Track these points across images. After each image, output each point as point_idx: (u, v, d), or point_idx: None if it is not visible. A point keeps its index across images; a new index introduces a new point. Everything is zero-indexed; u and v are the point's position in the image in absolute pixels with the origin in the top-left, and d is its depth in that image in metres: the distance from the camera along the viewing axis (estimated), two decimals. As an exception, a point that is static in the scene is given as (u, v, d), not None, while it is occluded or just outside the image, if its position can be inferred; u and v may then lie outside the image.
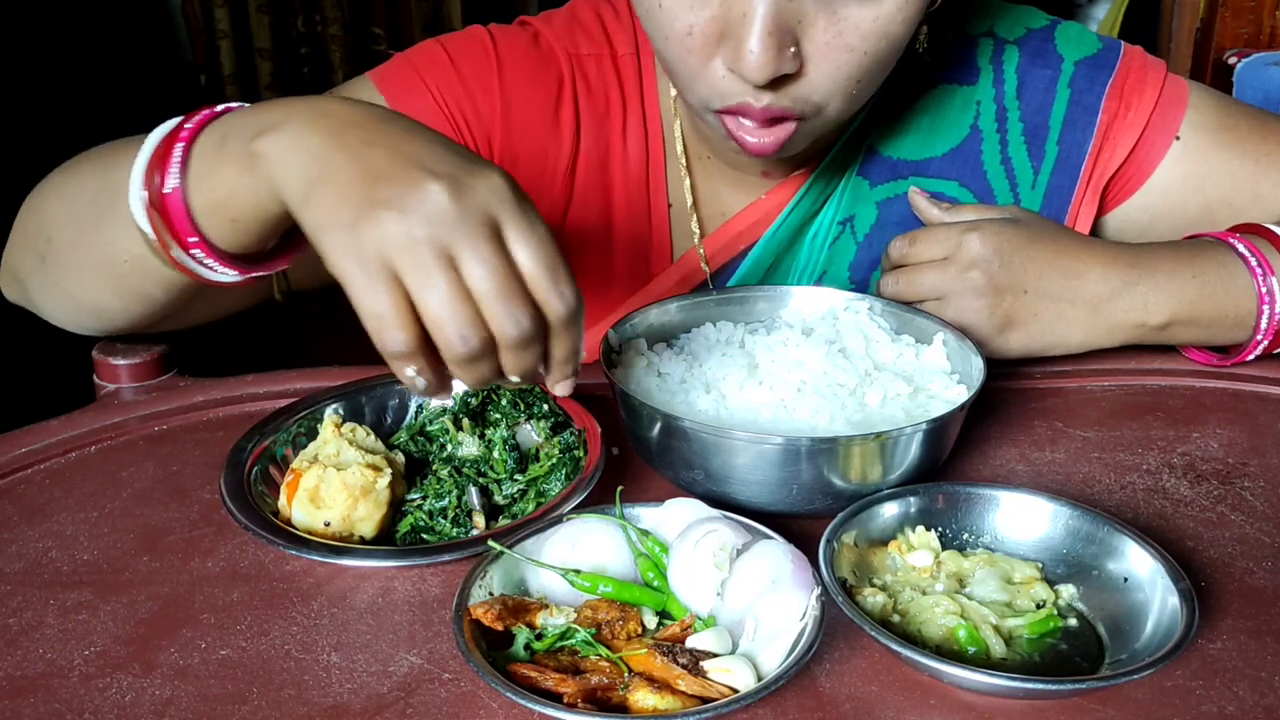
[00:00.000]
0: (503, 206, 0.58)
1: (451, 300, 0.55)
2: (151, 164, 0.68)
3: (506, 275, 0.57)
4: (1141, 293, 0.86)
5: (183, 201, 0.66)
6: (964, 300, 0.84)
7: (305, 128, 0.61)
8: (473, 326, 0.56)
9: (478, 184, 0.58)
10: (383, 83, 0.92)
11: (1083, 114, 0.96)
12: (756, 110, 0.79)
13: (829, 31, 0.76)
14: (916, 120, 0.97)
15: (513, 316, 0.57)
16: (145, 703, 0.56)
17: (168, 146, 0.67)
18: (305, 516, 0.68)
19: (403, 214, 0.55)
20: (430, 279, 0.55)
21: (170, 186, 0.66)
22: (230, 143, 0.65)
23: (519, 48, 0.95)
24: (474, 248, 0.56)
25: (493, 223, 0.57)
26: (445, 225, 0.56)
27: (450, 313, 0.56)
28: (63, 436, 0.81)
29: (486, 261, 0.56)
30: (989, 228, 0.85)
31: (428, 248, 0.55)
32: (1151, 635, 0.58)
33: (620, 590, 0.61)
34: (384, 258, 0.55)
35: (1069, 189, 0.97)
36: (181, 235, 0.67)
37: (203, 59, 4.52)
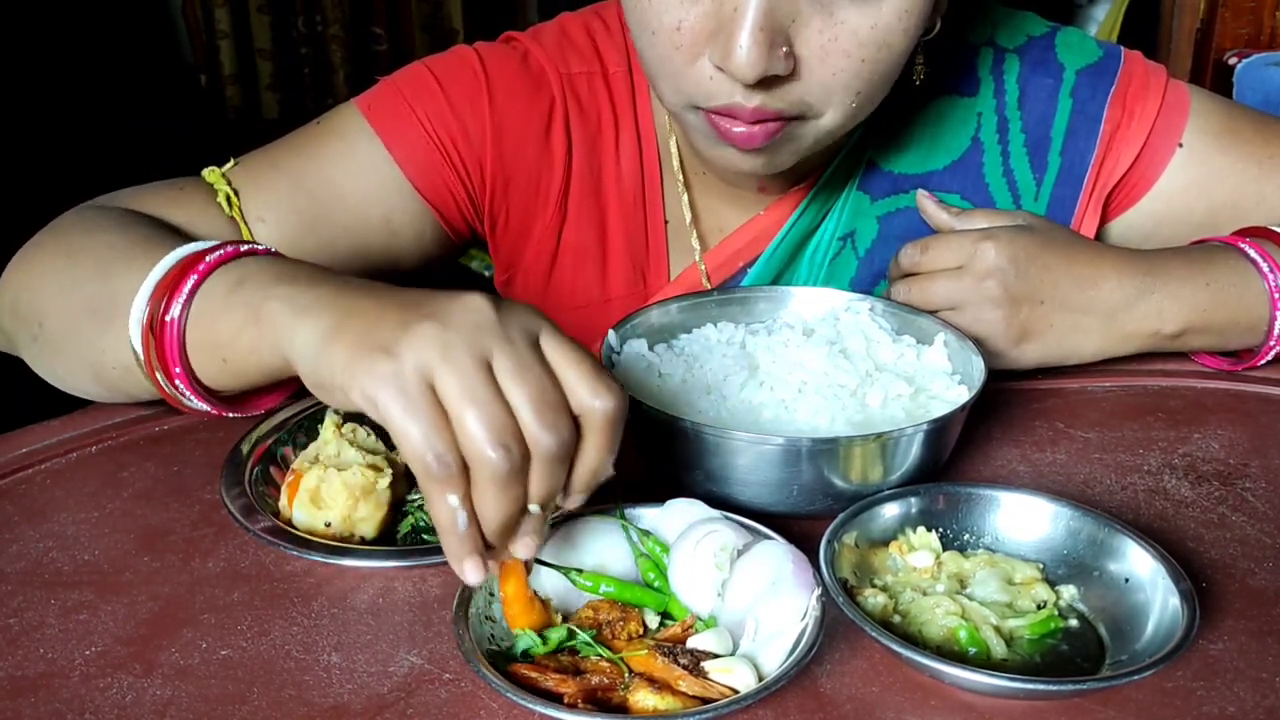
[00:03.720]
0: (542, 321, 0.57)
1: (495, 413, 0.52)
2: (160, 287, 0.69)
3: (549, 383, 0.54)
4: (1156, 301, 0.85)
5: (178, 334, 0.67)
6: (980, 311, 0.83)
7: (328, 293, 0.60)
8: (514, 438, 0.53)
9: (515, 304, 0.57)
10: (371, 112, 0.92)
11: (1085, 124, 0.95)
12: (746, 111, 0.77)
13: (825, 35, 0.75)
14: (917, 133, 0.97)
15: (554, 427, 0.53)
16: (146, 703, 0.56)
17: (181, 273, 0.68)
18: (306, 517, 0.68)
19: (443, 324, 0.53)
20: (473, 391, 0.52)
21: (172, 315, 0.67)
22: (244, 290, 0.65)
23: (508, 69, 0.94)
24: (516, 356, 0.54)
25: (534, 334, 0.56)
26: (487, 335, 0.54)
27: (495, 426, 0.52)
28: (63, 436, 0.81)
29: (528, 368, 0.54)
30: (1003, 236, 0.84)
31: (469, 358, 0.53)
32: (1152, 636, 0.58)
33: (621, 590, 0.61)
34: (424, 373, 0.53)
35: (1072, 200, 0.97)
36: (169, 364, 0.68)
37: (203, 59, 4.52)
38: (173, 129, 3.98)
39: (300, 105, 4.58)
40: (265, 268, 0.66)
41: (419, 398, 0.52)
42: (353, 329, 0.56)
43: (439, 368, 0.52)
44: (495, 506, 0.54)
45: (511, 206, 0.96)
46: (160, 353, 0.69)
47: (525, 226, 0.97)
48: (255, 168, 0.91)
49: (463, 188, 0.93)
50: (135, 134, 3.84)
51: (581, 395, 0.55)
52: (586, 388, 0.55)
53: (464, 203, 0.94)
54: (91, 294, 0.76)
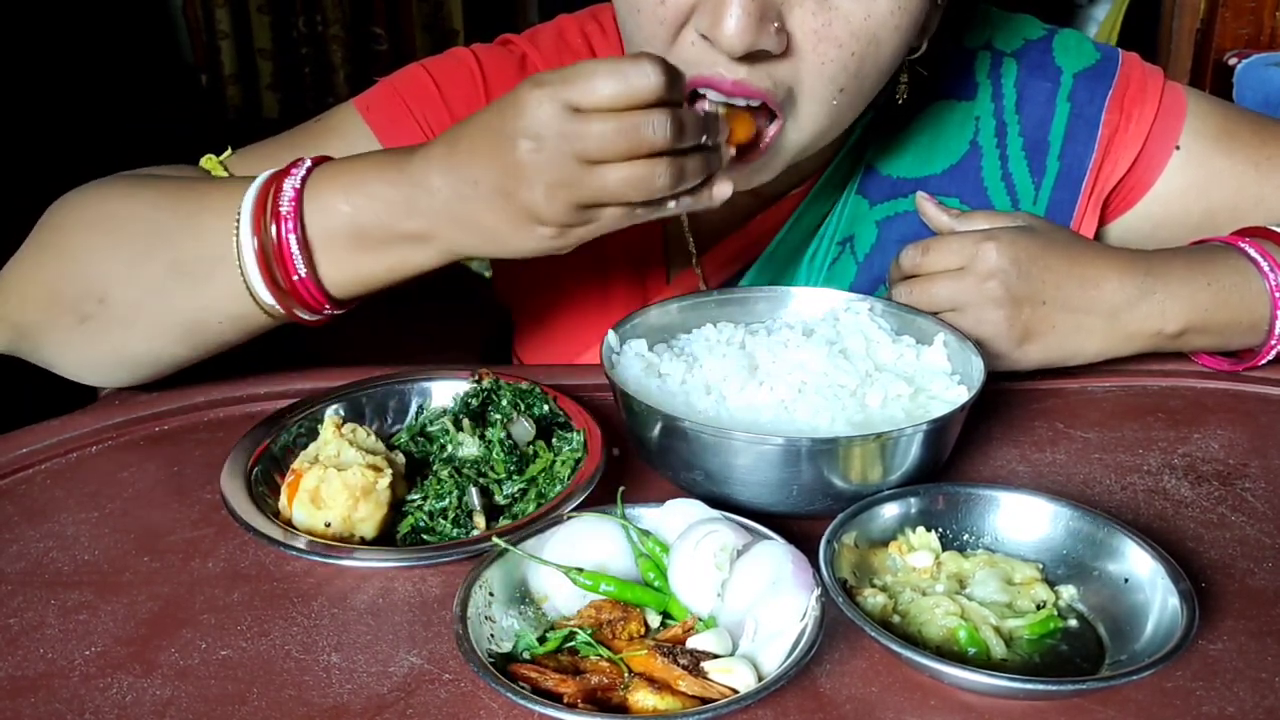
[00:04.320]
0: (562, 90, 0.67)
1: (635, 172, 0.66)
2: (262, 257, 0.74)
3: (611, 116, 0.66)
4: (1158, 301, 0.85)
5: (316, 284, 0.75)
6: (982, 312, 0.83)
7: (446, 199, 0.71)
8: (666, 121, 0.66)
9: (533, 95, 0.67)
10: (369, 112, 0.92)
11: (1083, 128, 0.95)
12: (727, 83, 0.76)
13: (818, 19, 0.75)
14: (915, 137, 0.96)
15: (658, 125, 0.66)
16: (145, 703, 0.56)
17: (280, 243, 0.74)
18: (306, 517, 0.68)
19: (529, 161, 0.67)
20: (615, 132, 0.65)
21: (300, 274, 0.74)
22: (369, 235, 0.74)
23: (505, 72, 0.94)
24: (585, 125, 0.65)
25: (567, 106, 0.66)
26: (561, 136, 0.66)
27: (637, 176, 0.67)
28: (63, 437, 0.81)
29: (604, 136, 0.66)
30: (1005, 237, 0.83)
31: (562, 158, 0.66)
32: (1152, 636, 0.58)
33: (622, 589, 0.61)
34: (583, 150, 0.66)
35: (1070, 204, 0.97)
36: (316, 307, 0.77)
37: (203, 59, 4.52)
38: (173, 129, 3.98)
39: (300, 105, 4.58)
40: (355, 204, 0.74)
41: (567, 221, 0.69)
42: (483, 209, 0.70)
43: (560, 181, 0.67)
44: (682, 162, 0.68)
45: None
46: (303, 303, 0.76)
47: None
48: (252, 157, 0.91)
49: None
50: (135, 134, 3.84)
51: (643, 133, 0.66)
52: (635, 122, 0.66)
53: None
54: (172, 259, 0.76)
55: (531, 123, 0.66)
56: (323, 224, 0.74)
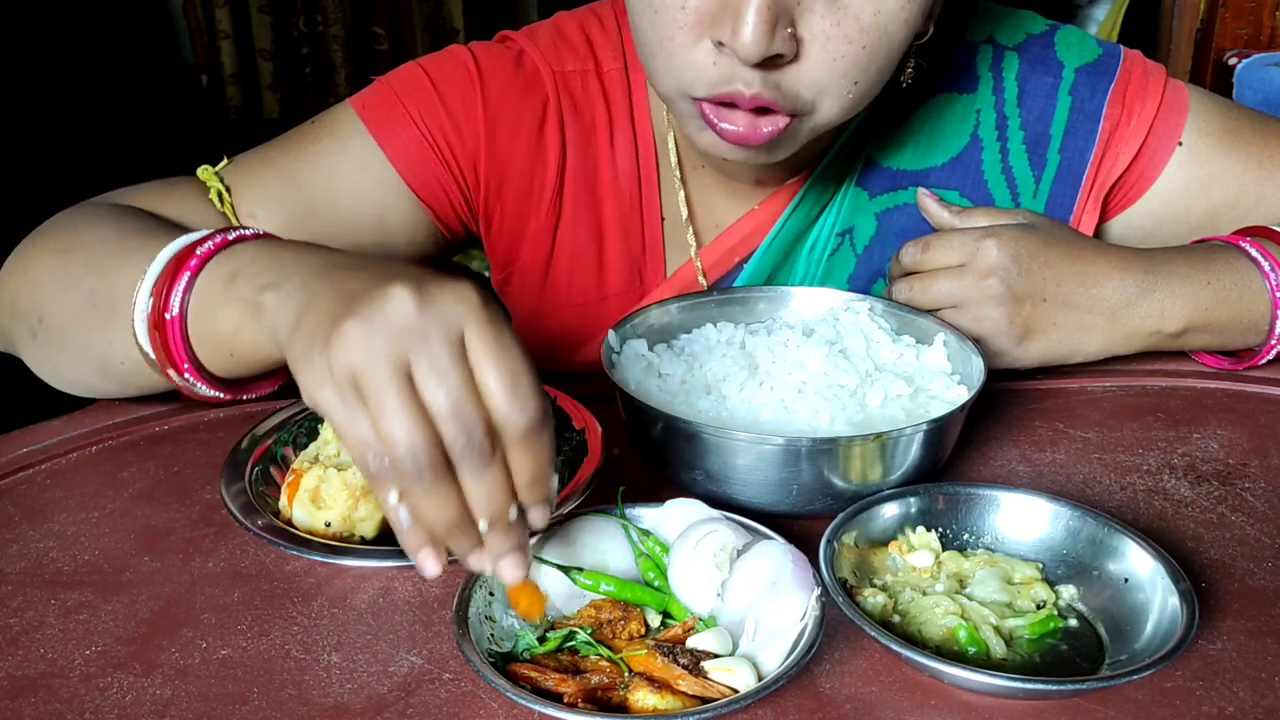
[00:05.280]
0: (468, 315, 0.53)
1: (403, 418, 0.51)
2: (159, 283, 0.70)
3: (461, 388, 0.52)
4: (1158, 300, 0.85)
5: (181, 329, 0.70)
6: (982, 309, 0.83)
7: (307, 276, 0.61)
8: (424, 445, 0.51)
9: (443, 293, 0.54)
10: (365, 111, 0.92)
11: (1084, 122, 0.96)
12: (745, 98, 0.77)
13: (827, 19, 0.75)
14: (915, 129, 0.97)
15: (464, 430, 0.52)
16: (146, 703, 0.56)
17: (176, 267, 0.70)
18: (306, 517, 0.68)
19: (366, 325, 0.52)
20: (385, 396, 0.52)
21: (171, 312, 0.69)
22: (238, 284, 0.66)
23: (502, 68, 0.94)
24: (430, 360, 0.52)
25: (456, 333, 0.53)
26: (405, 336, 0.52)
27: (402, 430, 0.51)
28: (63, 436, 0.81)
29: (442, 374, 0.52)
30: (1005, 234, 0.84)
31: (386, 363, 0.52)
32: (1151, 636, 0.58)
33: (622, 589, 0.61)
34: (350, 377, 0.52)
35: (1071, 198, 0.97)
36: (177, 360, 0.71)
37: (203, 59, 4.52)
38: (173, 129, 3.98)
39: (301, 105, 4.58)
40: (255, 258, 0.67)
41: (350, 400, 0.52)
42: (305, 326, 0.56)
43: (359, 373, 0.52)
44: (426, 508, 0.53)
45: (506, 205, 0.96)
46: (167, 351, 0.71)
47: (520, 225, 0.97)
48: (248, 165, 0.92)
49: (456, 187, 0.94)
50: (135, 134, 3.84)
51: (497, 404, 0.53)
52: (503, 397, 0.53)
53: (458, 202, 0.95)
54: (91, 289, 0.76)
55: (387, 302, 0.53)
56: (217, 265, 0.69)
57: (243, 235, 0.71)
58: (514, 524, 0.55)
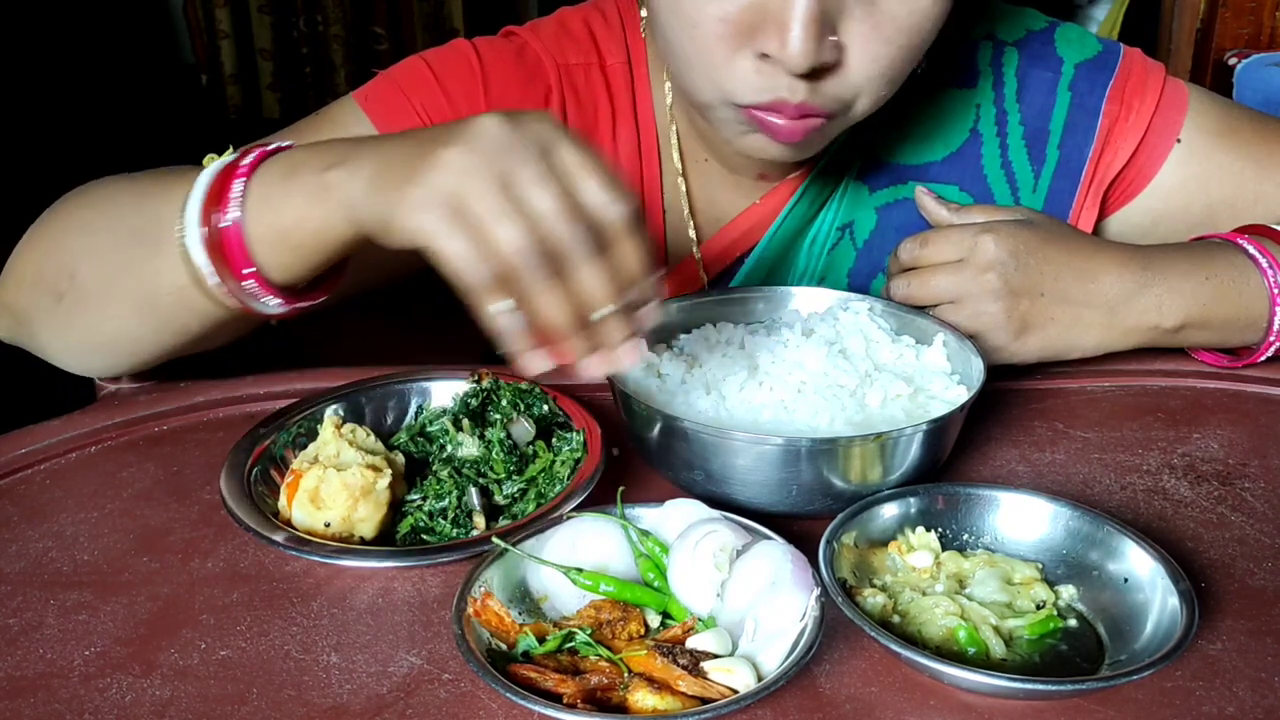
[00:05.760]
0: (555, 133, 0.61)
1: (515, 223, 0.57)
2: (209, 199, 0.70)
3: (561, 194, 0.58)
4: (1156, 295, 0.85)
5: (241, 234, 0.69)
6: (980, 304, 0.83)
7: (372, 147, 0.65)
8: (539, 245, 0.57)
9: (529, 118, 0.61)
10: (367, 103, 0.92)
11: (1084, 117, 0.96)
12: (791, 107, 0.78)
13: (866, 23, 0.76)
14: (915, 124, 0.97)
15: (573, 227, 0.58)
16: (145, 703, 0.56)
17: (224, 182, 0.69)
18: (305, 517, 0.68)
19: (464, 148, 0.58)
20: (493, 207, 0.57)
21: (230, 219, 0.68)
22: (299, 174, 0.68)
23: (504, 61, 0.94)
24: (531, 170, 0.58)
25: (544, 149, 0.60)
26: (501, 153, 0.58)
27: (516, 234, 0.57)
28: (63, 436, 0.81)
29: (544, 181, 0.58)
30: (1003, 229, 0.84)
31: (489, 177, 0.58)
32: (1151, 636, 0.58)
33: (621, 589, 0.61)
34: (452, 196, 0.58)
35: (1070, 193, 0.97)
36: (236, 267, 0.70)
37: (204, 59, 4.52)
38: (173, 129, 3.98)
39: (301, 105, 4.58)
40: (309, 152, 0.69)
41: (452, 219, 0.58)
42: (392, 171, 0.61)
43: (464, 190, 0.58)
44: (543, 305, 0.59)
45: None
46: (226, 260, 0.70)
47: None
48: None
49: None
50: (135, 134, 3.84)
51: (597, 203, 0.59)
52: (602, 197, 0.59)
53: None
54: (133, 226, 0.76)
55: (477, 128, 0.60)
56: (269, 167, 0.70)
57: (281, 146, 0.72)
58: (625, 314, 0.61)
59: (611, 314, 0.60)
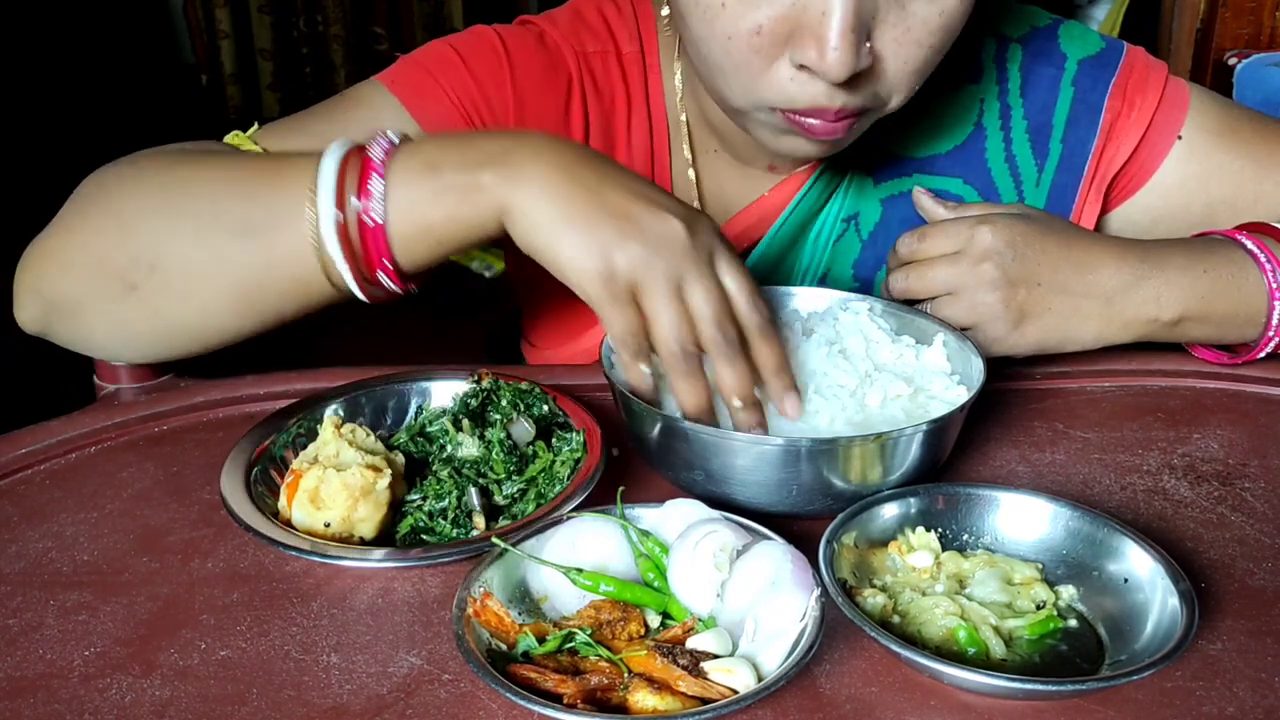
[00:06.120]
0: (718, 241, 0.70)
1: (676, 323, 0.67)
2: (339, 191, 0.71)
3: (720, 299, 0.68)
4: (1154, 287, 0.85)
5: (384, 230, 0.71)
6: (978, 294, 0.83)
7: (534, 161, 0.69)
8: (691, 341, 0.68)
9: (701, 224, 0.70)
10: (395, 85, 0.91)
11: (1086, 112, 0.97)
12: (831, 112, 0.79)
13: (898, 27, 0.77)
14: (921, 118, 0.97)
15: (721, 329, 0.68)
16: (145, 703, 0.56)
17: (359, 174, 0.71)
18: (305, 517, 0.68)
19: (648, 246, 0.67)
20: (662, 306, 0.67)
21: (377, 216, 0.71)
22: (444, 172, 0.71)
23: (527, 48, 0.94)
24: (699, 279, 0.68)
25: (711, 254, 0.69)
26: (680, 257, 0.67)
27: (672, 332, 0.67)
28: (63, 437, 0.81)
29: (707, 291, 0.68)
30: (1000, 221, 0.84)
31: (665, 276, 0.67)
32: (1151, 636, 0.58)
33: (621, 590, 0.61)
34: (630, 282, 0.67)
35: (1073, 187, 0.98)
36: (375, 261, 0.72)
37: (203, 59, 4.52)
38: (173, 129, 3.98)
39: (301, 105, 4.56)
40: (444, 148, 0.72)
41: (622, 299, 0.67)
42: (578, 222, 0.68)
43: (642, 280, 0.67)
44: (685, 390, 0.69)
45: None
46: (366, 254, 0.72)
47: None
48: (281, 131, 0.90)
49: None
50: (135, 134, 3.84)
51: (741, 308, 0.70)
52: (743, 303, 0.70)
53: None
54: (242, 216, 0.74)
55: (666, 230, 0.68)
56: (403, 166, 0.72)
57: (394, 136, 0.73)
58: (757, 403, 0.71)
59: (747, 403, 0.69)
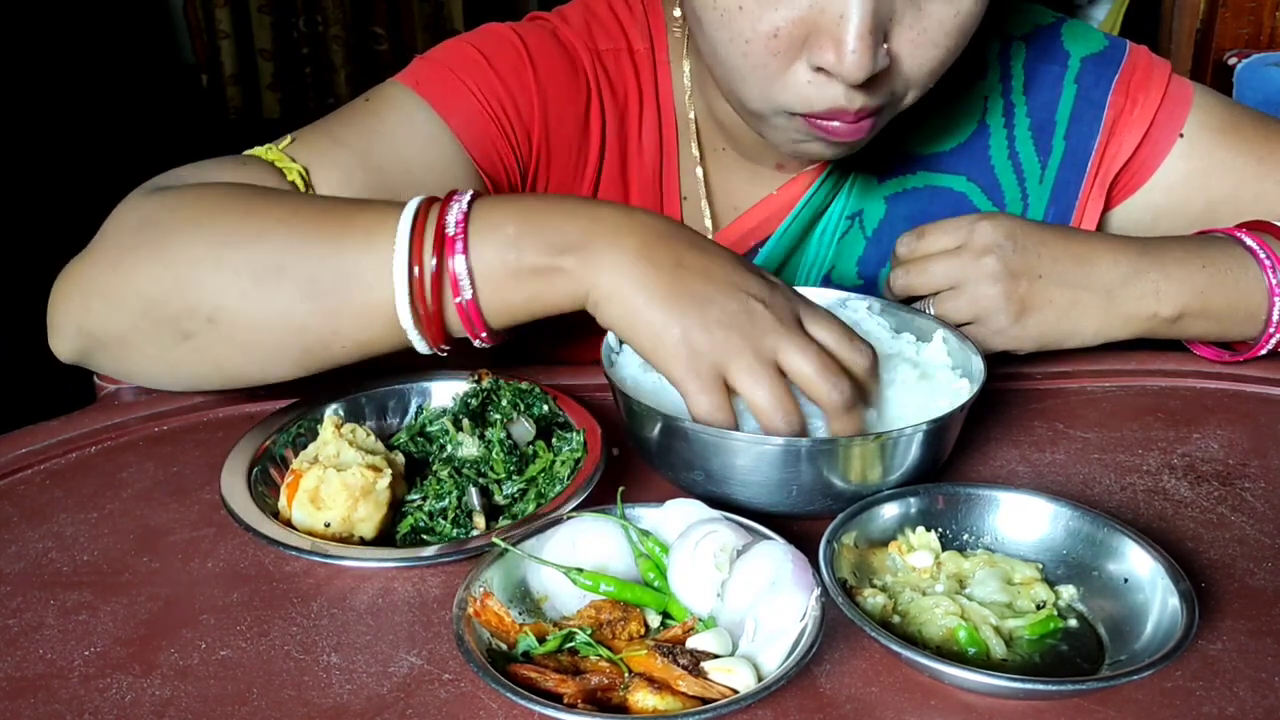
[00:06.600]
0: (798, 303, 0.71)
1: (777, 395, 0.67)
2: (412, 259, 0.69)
3: (821, 356, 0.68)
4: (1153, 280, 0.85)
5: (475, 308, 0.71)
6: (979, 287, 0.83)
7: (614, 247, 0.69)
8: (795, 412, 0.67)
9: (779, 292, 0.70)
10: (420, 86, 0.91)
11: (1089, 109, 0.97)
12: (850, 114, 0.79)
13: (914, 28, 0.77)
14: (924, 115, 0.97)
15: (836, 387, 0.67)
16: (145, 703, 0.56)
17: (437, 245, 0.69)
18: (305, 517, 0.68)
19: (729, 328, 0.67)
20: (760, 382, 0.66)
21: (463, 301, 0.70)
22: (526, 255, 0.70)
23: (546, 49, 0.94)
24: (795, 346, 0.67)
25: (796, 318, 0.69)
26: (766, 333, 0.67)
27: (776, 405, 0.67)
28: (63, 437, 0.81)
29: (805, 351, 0.67)
30: (1000, 216, 0.85)
31: (754, 358, 0.67)
32: (1151, 636, 0.58)
33: (621, 589, 0.61)
34: (718, 368, 0.67)
35: (1076, 184, 0.98)
36: (473, 334, 0.72)
37: (203, 59, 4.52)
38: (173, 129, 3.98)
39: (301, 105, 4.59)
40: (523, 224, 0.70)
41: (706, 379, 0.67)
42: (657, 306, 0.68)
43: (728, 363, 0.67)
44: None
45: (551, 181, 0.96)
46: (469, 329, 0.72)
47: None
48: (316, 143, 0.88)
49: (513, 157, 0.93)
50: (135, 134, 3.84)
51: (845, 356, 0.70)
52: (847, 350, 0.70)
53: (513, 173, 0.94)
54: (310, 275, 0.71)
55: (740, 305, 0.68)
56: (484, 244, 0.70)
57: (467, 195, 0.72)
58: None
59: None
